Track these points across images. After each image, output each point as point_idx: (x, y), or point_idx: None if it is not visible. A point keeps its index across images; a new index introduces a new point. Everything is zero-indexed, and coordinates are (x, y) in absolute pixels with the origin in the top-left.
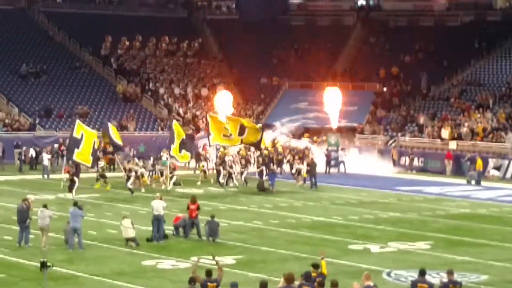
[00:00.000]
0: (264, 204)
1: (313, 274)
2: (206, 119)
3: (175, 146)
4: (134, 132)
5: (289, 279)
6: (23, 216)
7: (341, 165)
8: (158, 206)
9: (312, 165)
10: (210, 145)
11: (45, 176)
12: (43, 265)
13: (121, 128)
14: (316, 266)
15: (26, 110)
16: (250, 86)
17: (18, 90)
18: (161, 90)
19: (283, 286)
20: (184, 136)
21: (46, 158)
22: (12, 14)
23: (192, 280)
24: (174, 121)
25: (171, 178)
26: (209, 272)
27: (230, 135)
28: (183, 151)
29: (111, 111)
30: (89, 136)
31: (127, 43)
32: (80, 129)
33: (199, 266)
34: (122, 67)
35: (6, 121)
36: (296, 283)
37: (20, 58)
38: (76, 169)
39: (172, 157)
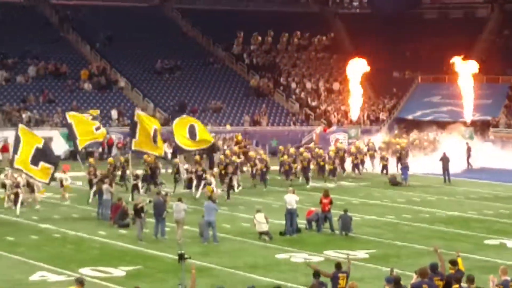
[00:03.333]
0: (397, 198)
1: (451, 271)
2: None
3: (137, 140)
4: (267, 126)
5: (423, 274)
6: (160, 209)
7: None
8: (291, 200)
9: (444, 160)
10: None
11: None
12: (181, 257)
13: (254, 123)
14: (453, 263)
15: (161, 105)
16: (382, 80)
17: (154, 86)
18: (293, 85)
19: (417, 281)
20: (156, 125)
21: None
22: (147, 11)
23: (316, 274)
24: (137, 112)
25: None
26: (338, 265)
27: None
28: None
29: (244, 106)
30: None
31: (259, 38)
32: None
33: (330, 260)
34: (255, 63)
35: None
36: None
37: (155, 54)
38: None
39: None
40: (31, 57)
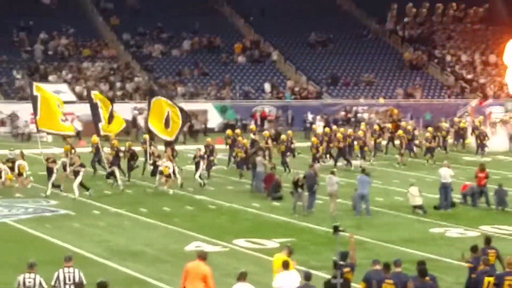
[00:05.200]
0: None
1: None
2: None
3: (104, 123)
4: (420, 100)
5: None
6: (311, 181)
7: None
8: (446, 174)
9: None
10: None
11: None
12: (336, 229)
13: (407, 96)
14: None
15: (314, 78)
16: None
17: (306, 59)
18: (448, 58)
19: None
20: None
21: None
22: None
23: (475, 248)
24: (94, 92)
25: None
26: (488, 240)
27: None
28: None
29: (397, 79)
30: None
31: (414, 10)
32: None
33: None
34: (409, 35)
35: (295, 89)
36: None
37: (309, 27)
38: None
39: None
40: (187, 31)
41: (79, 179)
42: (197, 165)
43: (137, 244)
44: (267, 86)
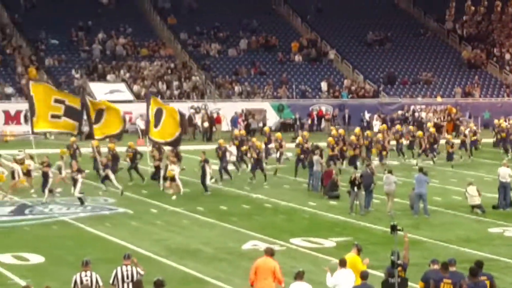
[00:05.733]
0: None
1: None
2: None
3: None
4: (479, 98)
5: None
6: (368, 180)
7: None
8: (505, 173)
9: None
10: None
11: None
12: (394, 228)
13: (466, 95)
14: None
15: (371, 77)
16: None
17: (364, 58)
18: (507, 56)
19: None
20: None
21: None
22: None
23: None
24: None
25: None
26: None
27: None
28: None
29: (455, 78)
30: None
31: (472, 8)
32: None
33: None
34: (467, 33)
35: (352, 88)
36: None
37: (366, 25)
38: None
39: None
40: (243, 30)
41: (78, 186)
42: (203, 170)
43: (195, 243)
44: (323, 85)
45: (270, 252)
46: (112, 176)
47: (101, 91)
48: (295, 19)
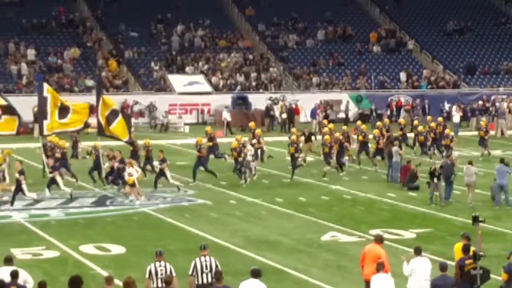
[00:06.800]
0: None
1: None
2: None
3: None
4: None
5: None
6: (448, 171)
7: None
8: None
9: None
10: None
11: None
12: (475, 219)
13: None
14: None
15: (451, 68)
16: None
17: (443, 48)
18: None
19: None
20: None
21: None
22: None
23: None
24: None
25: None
26: None
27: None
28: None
29: None
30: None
31: None
32: None
33: None
34: None
35: (432, 78)
36: None
37: (446, 15)
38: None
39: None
40: (321, 21)
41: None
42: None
43: (274, 234)
44: (402, 76)
45: (379, 239)
46: (59, 178)
47: (180, 83)
48: (373, 9)
